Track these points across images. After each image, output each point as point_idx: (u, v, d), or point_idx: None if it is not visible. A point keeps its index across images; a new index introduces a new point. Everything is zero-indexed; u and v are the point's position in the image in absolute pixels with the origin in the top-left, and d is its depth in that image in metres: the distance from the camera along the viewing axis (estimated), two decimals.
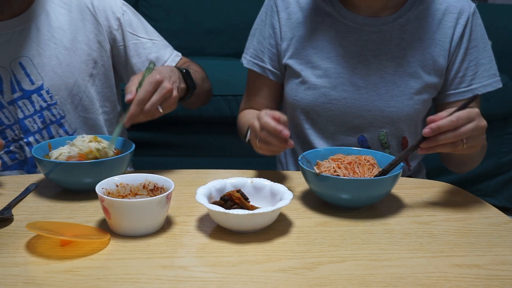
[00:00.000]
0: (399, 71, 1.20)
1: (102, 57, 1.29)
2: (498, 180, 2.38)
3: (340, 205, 0.97)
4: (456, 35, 1.20)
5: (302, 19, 1.24)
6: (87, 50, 1.26)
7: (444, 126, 0.91)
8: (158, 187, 0.93)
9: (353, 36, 1.21)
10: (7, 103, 1.22)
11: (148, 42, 1.31)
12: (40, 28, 1.22)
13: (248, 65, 1.30)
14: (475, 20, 1.21)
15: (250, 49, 1.31)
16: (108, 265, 0.77)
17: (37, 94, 1.23)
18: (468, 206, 1.00)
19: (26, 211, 0.95)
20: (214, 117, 2.15)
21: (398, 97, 1.20)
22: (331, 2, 1.23)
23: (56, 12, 1.25)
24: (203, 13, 2.60)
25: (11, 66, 1.20)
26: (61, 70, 1.24)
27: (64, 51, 1.24)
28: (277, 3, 1.26)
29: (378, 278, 0.75)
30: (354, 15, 1.21)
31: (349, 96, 1.21)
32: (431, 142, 0.93)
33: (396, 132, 1.23)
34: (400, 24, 1.20)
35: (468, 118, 0.92)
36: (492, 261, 0.80)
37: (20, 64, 1.21)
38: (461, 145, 0.93)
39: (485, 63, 1.21)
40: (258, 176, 1.10)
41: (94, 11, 1.27)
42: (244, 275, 0.75)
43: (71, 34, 1.25)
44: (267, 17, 1.28)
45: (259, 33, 1.29)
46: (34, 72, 1.22)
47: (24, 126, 1.24)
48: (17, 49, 1.21)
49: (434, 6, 1.21)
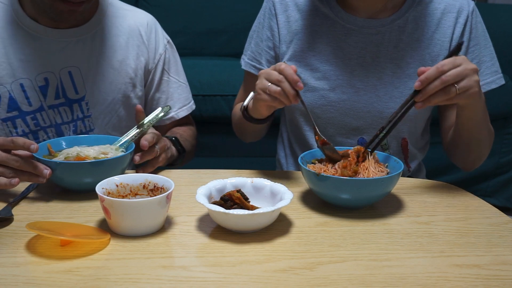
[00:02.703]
0: (397, 72, 1.20)
1: (141, 82, 1.34)
2: (498, 180, 2.38)
3: (340, 205, 0.97)
4: (456, 34, 1.20)
5: (301, 22, 1.24)
6: (130, 74, 1.30)
7: (431, 74, 0.94)
8: (158, 187, 0.93)
9: (351, 38, 1.21)
10: (48, 106, 1.25)
11: (175, 82, 1.38)
12: (94, 43, 1.26)
13: (245, 67, 1.31)
14: (474, 18, 1.21)
15: (248, 51, 1.31)
16: (108, 265, 0.77)
17: (78, 104, 1.27)
18: (468, 206, 1.00)
19: (26, 211, 0.95)
20: (214, 117, 2.15)
21: (397, 98, 1.19)
22: (329, 5, 1.23)
23: (111, 31, 1.29)
24: (203, 13, 2.60)
25: (60, 73, 1.24)
26: (103, 87, 1.28)
27: (110, 70, 1.28)
28: (275, 6, 1.26)
29: (378, 278, 0.75)
30: (353, 17, 1.21)
31: (348, 98, 1.21)
32: (423, 94, 0.95)
33: (396, 134, 1.23)
34: (399, 25, 1.20)
35: (454, 63, 0.94)
36: (492, 261, 0.80)
37: (69, 73, 1.24)
38: (453, 90, 0.95)
39: (487, 61, 1.21)
40: (258, 176, 1.10)
41: (144, 40, 1.32)
42: (244, 275, 0.75)
43: (120, 56, 1.29)
44: (265, 20, 1.28)
45: (257, 36, 1.29)
46: (80, 83, 1.25)
47: (60, 131, 1.27)
48: (69, 58, 1.24)
49: (433, 6, 1.21)
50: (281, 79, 0.99)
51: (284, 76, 0.99)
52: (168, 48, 1.37)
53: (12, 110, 1.22)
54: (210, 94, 2.14)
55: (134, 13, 1.34)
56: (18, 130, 1.24)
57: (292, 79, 0.98)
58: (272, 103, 1.02)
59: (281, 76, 0.99)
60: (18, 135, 1.24)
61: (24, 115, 1.23)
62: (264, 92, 1.02)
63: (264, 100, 1.03)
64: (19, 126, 1.23)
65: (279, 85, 0.99)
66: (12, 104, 1.21)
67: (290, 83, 0.99)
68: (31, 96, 1.22)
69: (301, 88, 0.98)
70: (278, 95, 1.00)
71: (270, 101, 1.02)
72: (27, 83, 1.21)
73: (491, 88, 1.20)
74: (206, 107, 2.13)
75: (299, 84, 0.98)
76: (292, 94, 0.99)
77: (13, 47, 1.20)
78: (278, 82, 0.99)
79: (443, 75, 0.94)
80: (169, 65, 1.36)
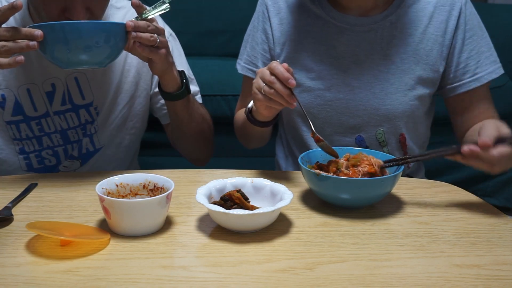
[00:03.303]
0: (392, 68, 1.20)
1: (145, 80, 1.32)
2: (498, 180, 2.38)
3: (340, 205, 0.97)
4: (450, 28, 1.19)
5: (294, 23, 1.24)
6: (133, 73, 1.29)
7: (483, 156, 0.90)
8: (158, 187, 0.93)
9: (344, 37, 1.21)
10: (53, 112, 1.24)
11: None
12: None
13: (242, 71, 1.31)
14: (468, 10, 1.21)
15: (244, 55, 1.31)
16: (108, 265, 0.77)
17: (85, 109, 1.26)
18: (468, 206, 1.00)
19: (26, 211, 0.95)
20: (214, 117, 2.12)
21: (393, 95, 1.19)
22: (321, 4, 1.23)
23: None
24: (203, 13, 2.60)
25: (67, 79, 1.23)
26: (111, 90, 1.27)
27: (115, 71, 1.27)
28: (268, 9, 1.26)
29: (378, 278, 0.75)
30: (344, 16, 1.21)
31: (344, 97, 1.21)
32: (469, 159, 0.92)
33: (393, 130, 1.23)
34: (391, 22, 1.20)
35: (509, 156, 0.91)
36: (492, 261, 0.80)
37: (75, 79, 1.24)
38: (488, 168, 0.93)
39: (485, 51, 1.21)
40: (258, 176, 1.10)
41: None
42: (244, 275, 0.75)
43: (123, 55, 1.27)
44: (259, 23, 1.28)
45: (252, 39, 1.30)
46: (87, 89, 1.25)
47: (66, 136, 1.27)
48: None
49: (425, 0, 1.21)
50: (272, 80, 0.99)
51: (275, 75, 0.99)
52: (171, 41, 1.34)
53: (17, 115, 1.21)
54: (210, 94, 2.14)
55: None
56: (22, 134, 1.23)
57: (283, 77, 0.98)
58: (268, 103, 1.02)
59: (273, 77, 0.99)
60: (21, 139, 1.24)
61: (29, 120, 1.23)
62: (260, 92, 1.02)
63: (260, 100, 1.03)
64: (22, 131, 1.23)
65: (272, 86, 0.99)
66: (17, 108, 1.21)
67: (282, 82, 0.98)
68: (37, 101, 1.22)
69: (293, 85, 0.98)
70: (273, 96, 1.00)
71: (266, 101, 1.02)
72: (34, 88, 1.21)
73: (492, 78, 1.21)
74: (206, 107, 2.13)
75: (290, 82, 0.98)
76: (286, 93, 0.99)
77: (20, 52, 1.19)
78: (271, 84, 0.99)
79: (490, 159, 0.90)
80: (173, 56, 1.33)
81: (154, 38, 1.04)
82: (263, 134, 1.27)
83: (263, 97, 1.02)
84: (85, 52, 0.97)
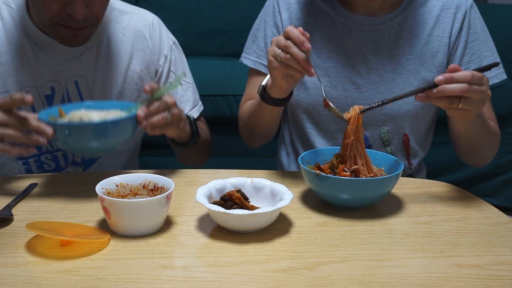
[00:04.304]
0: (398, 69, 1.21)
1: None
2: (498, 180, 2.38)
3: (340, 205, 0.97)
4: (455, 30, 1.21)
5: (303, 19, 1.25)
6: (136, 79, 1.28)
7: (457, 78, 0.91)
8: (158, 187, 0.93)
9: (352, 36, 1.22)
10: None
11: (184, 84, 1.34)
12: (100, 52, 1.24)
13: (254, 65, 1.29)
14: (473, 14, 1.22)
15: (253, 49, 1.30)
16: (108, 265, 0.77)
17: None
18: (468, 206, 1.00)
19: (26, 211, 0.95)
20: (214, 117, 2.14)
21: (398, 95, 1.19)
22: (330, 3, 1.24)
23: (116, 38, 1.26)
24: (203, 13, 2.60)
25: (67, 83, 1.22)
26: (113, 97, 1.26)
27: (117, 77, 1.26)
28: (279, 3, 1.27)
29: (378, 278, 0.75)
30: (353, 15, 1.22)
31: (350, 95, 1.22)
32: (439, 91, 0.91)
33: (397, 130, 1.24)
34: (398, 23, 1.21)
35: (481, 80, 0.92)
36: (492, 261, 0.80)
37: (75, 82, 1.23)
38: (457, 102, 0.92)
39: (487, 56, 1.22)
40: (258, 176, 1.10)
41: (149, 43, 1.29)
42: (244, 275, 0.75)
43: (126, 62, 1.26)
44: (269, 18, 1.28)
45: (262, 33, 1.29)
46: (86, 93, 1.24)
47: None
48: (76, 68, 1.22)
49: (431, 3, 1.22)
50: (288, 44, 0.98)
51: (290, 39, 0.98)
52: (174, 49, 1.34)
53: None
54: (210, 94, 2.14)
55: (139, 16, 1.31)
56: None
57: (298, 40, 0.97)
58: (286, 70, 1.01)
59: (288, 41, 0.98)
60: None
61: None
62: (276, 59, 1.01)
63: (277, 68, 1.01)
64: None
65: (287, 51, 0.98)
66: None
67: (297, 45, 0.97)
68: (36, 105, 1.21)
69: (308, 49, 0.97)
70: (289, 62, 0.99)
71: (283, 68, 1.00)
72: (33, 91, 1.20)
73: (493, 83, 1.20)
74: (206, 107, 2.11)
75: (306, 45, 0.97)
76: (301, 57, 0.97)
77: (20, 55, 1.18)
78: (286, 48, 0.98)
79: (467, 85, 0.91)
80: (176, 66, 1.33)
81: (165, 117, 1.02)
82: (273, 120, 1.24)
83: (280, 64, 1.00)
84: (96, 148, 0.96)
